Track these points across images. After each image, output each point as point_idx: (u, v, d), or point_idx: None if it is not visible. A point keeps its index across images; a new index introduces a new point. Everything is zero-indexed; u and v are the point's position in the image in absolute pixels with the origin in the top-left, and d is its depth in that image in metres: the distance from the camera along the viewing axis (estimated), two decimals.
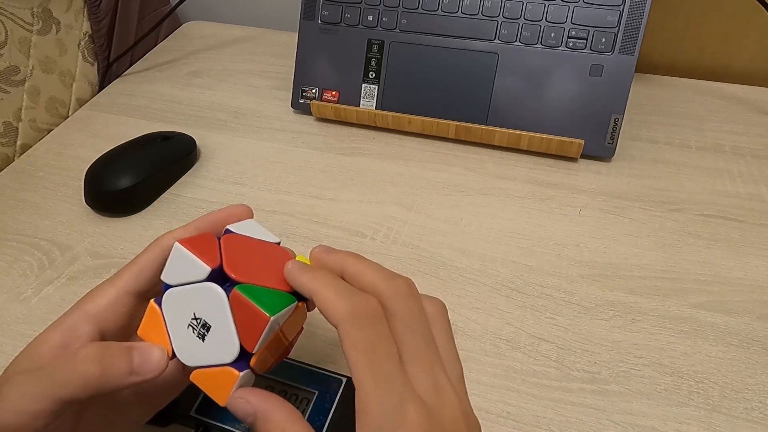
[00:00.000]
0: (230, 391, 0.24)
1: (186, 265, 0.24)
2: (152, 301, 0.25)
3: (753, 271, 0.40)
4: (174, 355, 0.25)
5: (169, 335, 0.25)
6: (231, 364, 0.24)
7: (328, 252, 0.26)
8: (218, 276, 0.24)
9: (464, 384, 0.25)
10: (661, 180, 0.48)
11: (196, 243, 0.25)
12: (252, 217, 0.29)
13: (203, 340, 0.24)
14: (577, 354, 0.35)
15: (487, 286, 0.40)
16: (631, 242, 0.42)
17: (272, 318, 0.23)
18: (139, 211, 0.47)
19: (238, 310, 0.24)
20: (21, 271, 0.43)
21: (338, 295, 0.23)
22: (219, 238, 0.26)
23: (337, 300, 0.23)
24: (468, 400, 0.25)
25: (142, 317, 0.26)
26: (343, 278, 0.25)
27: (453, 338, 0.26)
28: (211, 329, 0.24)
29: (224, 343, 0.24)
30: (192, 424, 0.31)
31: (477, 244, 0.43)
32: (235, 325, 0.24)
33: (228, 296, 0.23)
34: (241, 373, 0.24)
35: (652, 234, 0.43)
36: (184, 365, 0.25)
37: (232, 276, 0.24)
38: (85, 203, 0.48)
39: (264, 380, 0.32)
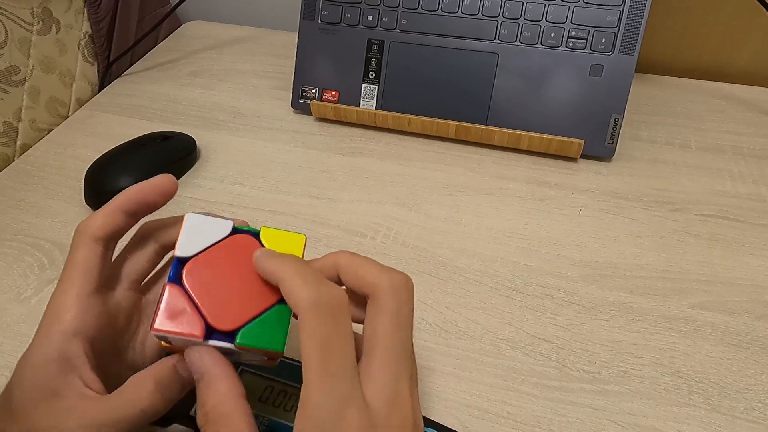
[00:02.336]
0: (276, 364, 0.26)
1: (179, 340, 0.24)
2: (162, 344, 0.25)
3: (753, 271, 0.40)
4: (209, 331, 0.24)
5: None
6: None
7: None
8: (211, 331, 0.24)
9: (417, 388, 0.25)
10: (661, 180, 0.48)
11: (170, 316, 0.23)
12: (176, 186, 0.27)
13: (230, 355, 0.25)
14: (577, 354, 0.35)
15: (487, 286, 0.40)
16: (631, 242, 0.42)
17: (284, 351, 0.23)
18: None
19: (251, 352, 0.24)
20: (21, 271, 0.43)
21: (303, 281, 0.22)
22: (180, 280, 0.24)
23: (301, 286, 0.22)
24: (419, 407, 0.24)
25: (111, 308, 0.27)
26: (339, 275, 0.25)
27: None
28: (235, 353, 0.24)
29: (255, 360, 0.25)
30: (192, 424, 0.31)
31: (477, 244, 0.43)
32: (256, 354, 0.24)
33: (235, 345, 0.23)
34: (278, 359, 0.25)
35: (652, 234, 0.43)
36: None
37: (223, 329, 0.23)
38: (85, 203, 0.48)
39: (264, 380, 0.32)
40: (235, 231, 0.26)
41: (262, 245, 0.26)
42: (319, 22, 0.55)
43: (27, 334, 0.39)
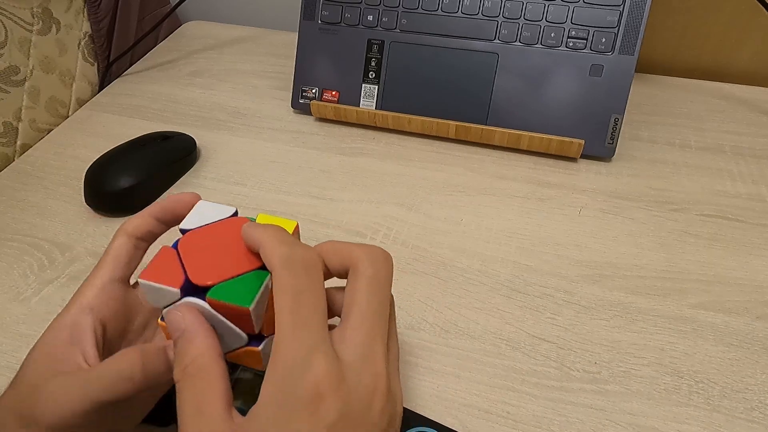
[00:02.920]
0: (262, 361, 0.25)
1: (160, 293, 0.25)
2: (159, 322, 0.26)
3: (753, 271, 0.40)
4: (188, 287, 0.25)
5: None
6: (248, 344, 0.25)
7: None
8: (190, 288, 0.25)
9: (398, 367, 0.25)
10: (661, 180, 0.48)
11: (157, 270, 0.25)
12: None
13: None
14: (577, 354, 0.35)
15: (487, 286, 0.40)
16: (631, 242, 0.42)
17: (251, 308, 0.24)
18: (139, 211, 0.47)
19: (221, 311, 0.24)
20: (21, 271, 0.43)
21: (279, 242, 0.24)
22: (176, 245, 0.27)
23: (276, 246, 0.23)
24: (399, 383, 0.25)
25: (130, 301, 0.29)
26: (324, 263, 0.26)
27: (395, 320, 0.27)
28: (215, 327, 0.25)
29: (234, 336, 0.25)
30: None
31: (477, 244, 0.43)
32: (229, 320, 0.25)
33: (207, 299, 0.24)
34: (260, 347, 0.25)
35: (652, 234, 0.43)
36: None
37: (199, 284, 0.25)
38: (85, 203, 0.48)
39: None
40: (236, 215, 0.28)
41: None
42: (319, 22, 0.55)
43: (27, 334, 0.39)
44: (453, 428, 0.32)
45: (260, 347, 0.25)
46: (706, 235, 0.43)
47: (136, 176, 0.47)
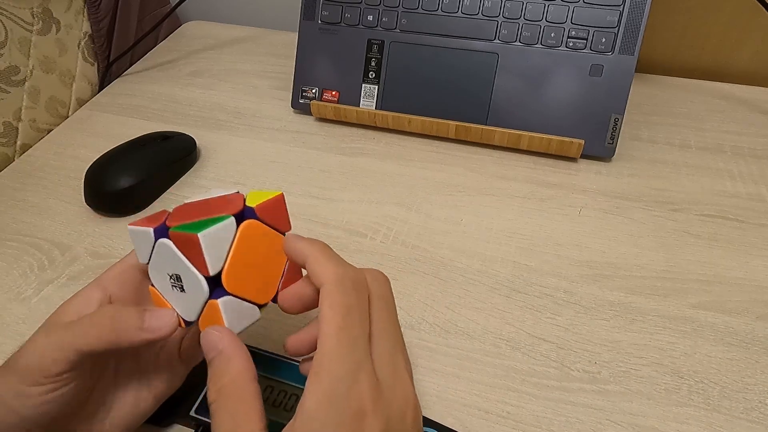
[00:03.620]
0: (223, 320, 0.25)
1: (140, 237, 0.26)
2: (149, 287, 0.28)
3: (753, 271, 0.40)
4: (187, 324, 0.26)
5: (171, 305, 0.26)
6: (211, 297, 0.25)
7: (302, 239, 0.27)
8: (164, 231, 0.26)
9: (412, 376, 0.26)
10: (661, 180, 0.48)
11: (143, 220, 0.27)
12: None
13: (183, 290, 0.25)
14: (577, 354, 0.35)
15: (487, 286, 0.40)
16: (631, 242, 0.42)
17: (200, 234, 0.24)
18: (139, 211, 0.47)
19: (181, 246, 0.25)
20: (21, 271, 0.43)
21: (330, 260, 0.25)
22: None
23: (328, 263, 0.24)
24: (415, 392, 0.25)
25: (145, 291, 0.29)
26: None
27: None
28: (181, 277, 0.25)
29: (194, 281, 0.25)
30: (192, 424, 0.31)
31: (477, 244, 0.43)
32: (188, 259, 0.25)
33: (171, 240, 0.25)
34: (220, 300, 0.25)
35: (652, 234, 0.43)
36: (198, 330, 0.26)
37: (169, 225, 0.26)
38: (85, 203, 0.48)
39: (264, 380, 0.32)
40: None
41: (257, 218, 0.26)
42: (319, 22, 0.55)
43: (27, 334, 0.38)
44: (453, 428, 0.32)
45: (219, 300, 0.24)
46: (706, 235, 0.43)
47: (136, 176, 0.47)
